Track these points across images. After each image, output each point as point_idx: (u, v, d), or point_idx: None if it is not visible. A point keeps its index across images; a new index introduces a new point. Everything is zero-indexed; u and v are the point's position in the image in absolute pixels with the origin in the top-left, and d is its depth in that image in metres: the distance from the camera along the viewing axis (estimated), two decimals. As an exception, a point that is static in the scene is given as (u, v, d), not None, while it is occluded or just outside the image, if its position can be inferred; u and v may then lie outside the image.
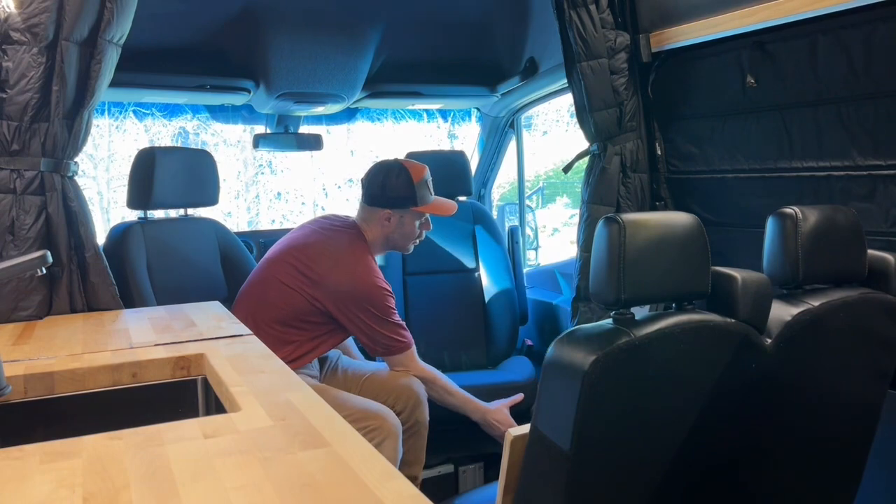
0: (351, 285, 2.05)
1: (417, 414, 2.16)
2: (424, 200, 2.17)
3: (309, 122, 3.25)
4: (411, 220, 2.19)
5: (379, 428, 1.93)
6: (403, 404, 2.15)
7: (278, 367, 1.29)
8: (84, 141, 1.80)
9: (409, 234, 2.20)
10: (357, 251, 2.14)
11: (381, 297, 2.08)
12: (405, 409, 2.15)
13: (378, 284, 2.09)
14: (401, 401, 2.15)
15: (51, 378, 1.28)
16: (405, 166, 2.17)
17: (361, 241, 2.18)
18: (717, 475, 1.18)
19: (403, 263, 2.92)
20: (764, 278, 1.15)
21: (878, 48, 1.59)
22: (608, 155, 2.27)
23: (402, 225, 2.18)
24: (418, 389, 2.18)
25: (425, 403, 2.18)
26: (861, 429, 1.33)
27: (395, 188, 2.15)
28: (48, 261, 1.20)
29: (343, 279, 2.06)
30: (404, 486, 0.79)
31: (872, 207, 1.68)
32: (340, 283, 2.05)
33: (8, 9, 1.61)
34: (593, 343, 0.98)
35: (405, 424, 2.14)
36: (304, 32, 2.63)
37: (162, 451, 0.90)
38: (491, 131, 3.51)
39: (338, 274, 2.06)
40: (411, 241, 2.24)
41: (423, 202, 2.16)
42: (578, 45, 2.19)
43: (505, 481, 1.10)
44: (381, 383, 2.18)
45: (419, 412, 2.17)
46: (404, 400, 2.15)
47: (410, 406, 2.16)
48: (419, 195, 2.15)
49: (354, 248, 2.15)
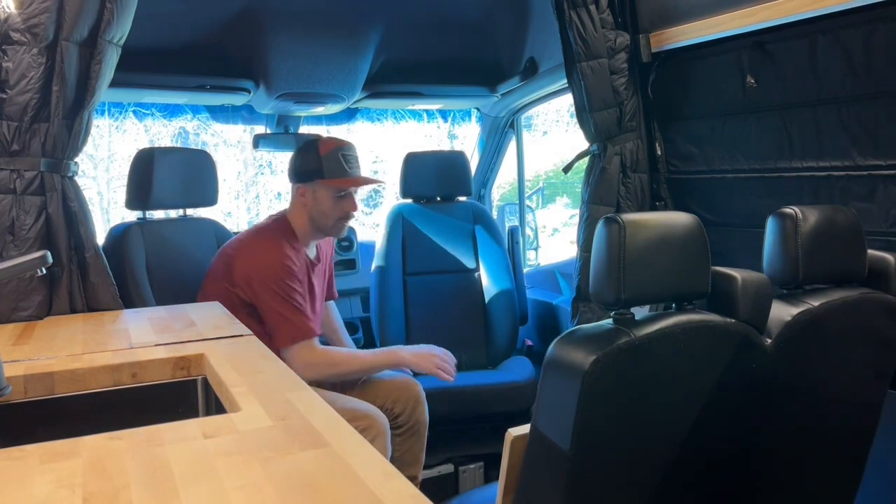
0: (255, 265, 2.02)
1: (417, 414, 2.17)
2: (333, 173, 2.09)
3: (309, 123, 3.25)
4: (325, 195, 2.11)
5: (368, 427, 1.93)
6: (403, 405, 2.15)
7: (278, 367, 1.29)
8: (84, 141, 1.80)
9: (326, 212, 2.12)
10: (269, 234, 2.11)
11: (281, 275, 2.01)
12: (405, 410, 2.15)
13: (281, 261, 2.03)
14: (400, 401, 2.15)
15: (51, 378, 1.28)
16: (316, 140, 2.14)
17: (281, 226, 2.15)
18: (717, 475, 1.18)
19: (403, 263, 2.93)
20: (764, 278, 1.15)
21: (877, 48, 1.59)
22: (608, 155, 2.27)
23: (317, 201, 2.12)
24: (418, 390, 2.19)
25: (425, 403, 2.19)
26: (861, 429, 1.33)
27: (304, 162, 2.12)
28: (48, 261, 1.20)
29: (250, 261, 2.04)
30: (404, 486, 0.79)
31: (872, 207, 1.68)
32: (247, 266, 2.03)
33: (8, 9, 1.61)
34: (593, 343, 0.98)
35: (405, 425, 2.14)
36: (305, 32, 2.63)
37: (162, 451, 0.90)
38: (491, 131, 3.51)
39: (246, 258, 2.05)
40: (332, 220, 2.14)
41: (332, 175, 2.09)
42: (578, 45, 2.19)
43: (505, 481, 1.10)
44: (381, 384, 2.18)
45: (419, 412, 2.17)
46: (404, 401, 2.16)
47: (410, 406, 2.16)
48: (326, 167, 2.08)
49: (267, 232, 2.12)
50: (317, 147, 2.11)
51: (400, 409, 2.14)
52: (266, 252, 2.06)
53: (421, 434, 2.18)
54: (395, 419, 2.15)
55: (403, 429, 2.15)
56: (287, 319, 2.00)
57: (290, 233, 2.14)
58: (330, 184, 2.09)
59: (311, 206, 2.12)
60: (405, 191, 3.06)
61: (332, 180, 2.09)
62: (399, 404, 2.14)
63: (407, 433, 2.16)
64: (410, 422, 2.15)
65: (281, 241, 2.09)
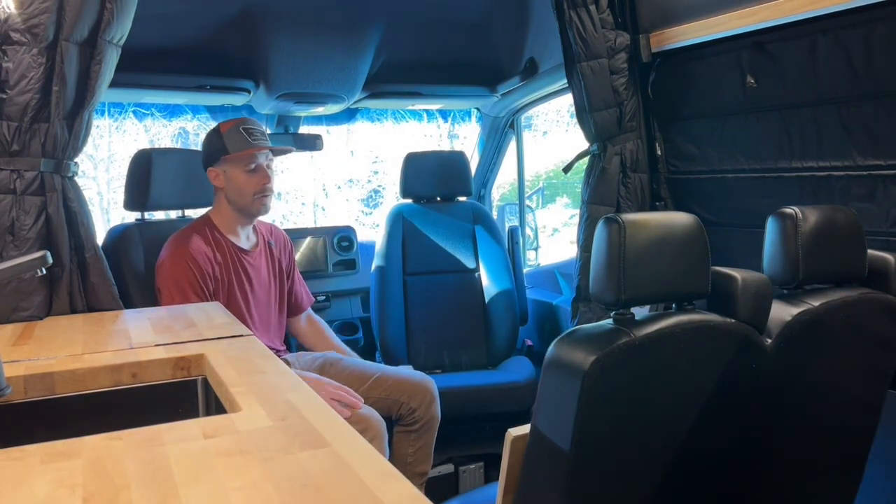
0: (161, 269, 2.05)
1: (433, 410, 2.20)
2: (236, 147, 2.09)
3: (309, 123, 3.25)
4: (236, 172, 2.11)
5: (365, 430, 1.93)
6: (419, 401, 2.18)
7: (278, 367, 1.29)
8: (84, 141, 1.80)
9: (241, 188, 2.11)
10: (178, 236, 2.11)
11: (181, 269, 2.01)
12: (421, 406, 2.18)
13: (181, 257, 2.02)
14: (416, 398, 2.17)
15: (51, 378, 1.28)
16: (218, 125, 2.15)
17: (197, 223, 2.16)
18: (717, 475, 1.18)
19: (403, 263, 2.93)
20: (764, 278, 1.15)
21: (877, 48, 1.59)
22: (608, 155, 2.27)
23: (229, 180, 2.12)
24: (432, 387, 2.21)
25: (438, 399, 2.22)
26: (861, 428, 1.33)
27: (208, 144, 2.14)
28: (48, 261, 1.20)
29: (159, 268, 2.06)
30: (404, 486, 0.79)
31: (872, 207, 1.68)
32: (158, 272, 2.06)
33: (8, 9, 1.61)
34: (593, 343, 0.98)
35: (420, 420, 2.18)
36: (304, 33, 2.63)
37: (162, 451, 0.90)
38: (491, 131, 3.51)
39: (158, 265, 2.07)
40: (250, 196, 2.12)
41: (235, 148, 2.09)
42: (578, 46, 2.19)
43: (505, 481, 1.10)
44: (395, 382, 2.19)
45: (434, 408, 2.21)
46: (420, 397, 2.18)
47: (426, 403, 2.19)
48: (229, 143, 2.09)
49: (177, 235, 2.12)
50: (217, 128, 2.13)
51: (416, 403, 2.17)
52: (166, 256, 2.06)
53: (433, 430, 2.21)
54: (412, 414, 2.17)
55: (419, 425, 2.18)
56: None
57: (208, 225, 2.14)
58: (236, 157, 2.09)
59: (227, 188, 2.13)
60: (405, 191, 3.07)
61: (236, 153, 2.09)
62: (416, 399, 2.16)
63: (422, 429, 2.18)
64: (426, 418, 2.18)
65: (188, 239, 2.08)
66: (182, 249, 2.05)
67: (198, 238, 2.09)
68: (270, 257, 2.29)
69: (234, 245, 2.17)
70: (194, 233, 2.11)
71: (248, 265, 2.19)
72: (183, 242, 2.07)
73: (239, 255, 2.17)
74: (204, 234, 2.12)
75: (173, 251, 2.06)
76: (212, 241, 2.12)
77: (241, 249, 2.18)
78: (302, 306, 2.43)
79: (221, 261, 2.11)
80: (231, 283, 2.12)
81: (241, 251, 2.18)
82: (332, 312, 3.16)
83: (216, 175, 2.14)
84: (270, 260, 2.29)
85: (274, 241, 2.33)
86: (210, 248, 2.10)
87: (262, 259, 2.25)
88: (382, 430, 1.99)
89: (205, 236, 2.11)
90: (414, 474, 2.19)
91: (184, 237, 2.09)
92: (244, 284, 2.15)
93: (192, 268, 2.03)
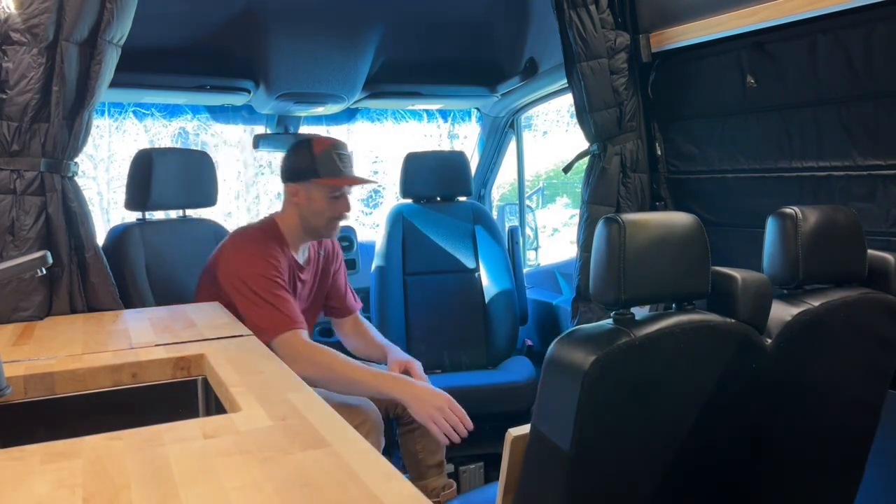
0: (237, 265, 1.99)
1: None
2: (329, 173, 2.04)
3: (309, 123, 3.25)
4: (319, 195, 2.05)
5: (362, 423, 1.91)
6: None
7: (278, 367, 1.29)
8: (84, 141, 1.80)
9: (319, 211, 2.07)
10: (252, 235, 2.08)
11: (261, 270, 1.97)
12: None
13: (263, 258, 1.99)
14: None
15: (51, 378, 1.28)
16: (310, 139, 2.10)
17: (266, 228, 2.11)
18: (717, 475, 1.18)
19: (403, 263, 2.93)
20: (764, 278, 1.15)
21: (877, 48, 1.59)
22: (608, 155, 2.28)
23: (311, 201, 2.06)
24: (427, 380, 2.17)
25: None
26: (861, 429, 1.33)
27: (298, 161, 2.07)
28: (48, 261, 1.20)
29: (232, 262, 2.00)
30: (404, 486, 0.79)
31: (872, 207, 1.68)
32: (229, 268, 2.00)
33: (8, 9, 1.61)
34: (593, 343, 0.98)
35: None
36: (305, 33, 2.63)
37: (162, 451, 0.90)
38: (491, 131, 3.51)
39: (228, 259, 2.02)
40: (325, 220, 2.09)
41: (327, 174, 2.04)
42: (578, 46, 2.19)
43: (505, 481, 1.10)
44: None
45: None
46: None
47: None
48: (321, 166, 2.04)
49: (250, 232, 2.10)
50: (310, 146, 2.06)
51: None
52: (246, 252, 2.02)
53: None
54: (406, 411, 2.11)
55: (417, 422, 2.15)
56: (268, 313, 1.93)
57: (277, 234, 2.10)
58: (326, 182, 2.05)
59: (305, 207, 2.08)
60: (405, 191, 3.07)
61: (327, 179, 2.04)
62: None
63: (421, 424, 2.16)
64: None
65: (265, 240, 2.06)
66: (262, 251, 2.02)
67: (271, 244, 2.06)
68: (318, 270, 2.27)
69: (294, 260, 2.14)
70: (266, 238, 2.07)
71: (299, 281, 2.16)
72: (260, 245, 2.04)
73: (295, 271, 2.14)
74: (274, 242, 2.07)
75: (250, 249, 2.03)
76: (280, 250, 2.07)
77: (297, 265, 2.15)
78: (348, 310, 2.39)
79: (284, 270, 2.06)
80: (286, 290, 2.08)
81: (298, 266, 2.15)
82: (332, 312, 3.16)
83: (297, 192, 2.07)
84: (317, 272, 2.27)
85: (323, 250, 2.30)
86: (279, 257, 2.06)
87: (311, 273, 2.23)
88: (378, 422, 1.95)
89: (275, 244, 2.07)
90: (429, 468, 2.17)
91: (258, 241, 2.06)
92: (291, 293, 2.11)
93: (277, 267, 2.01)
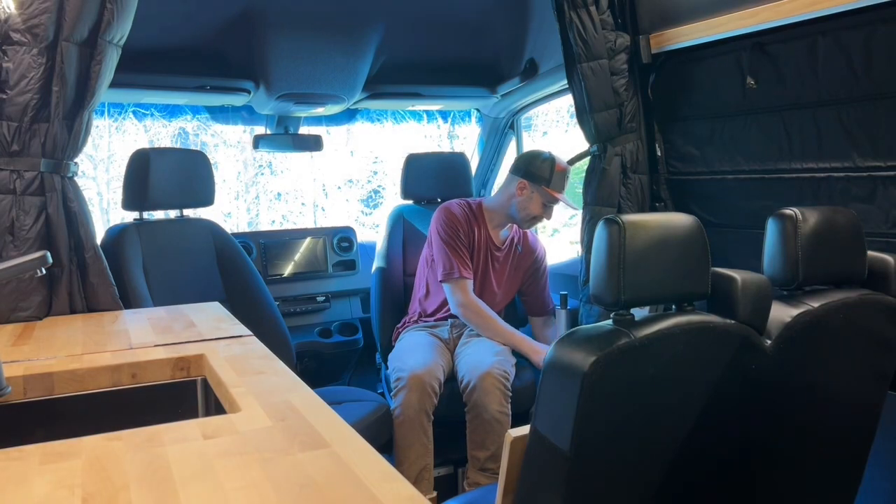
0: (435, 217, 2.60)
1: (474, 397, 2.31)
2: (556, 187, 2.49)
3: (309, 123, 3.25)
4: (537, 199, 2.51)
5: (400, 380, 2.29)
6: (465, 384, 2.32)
7: (278, 367, 1.29)
8: (84, 142, 1.80)
9: (531, 210, 2.52)
10: (456, 201, 2.64)
11: (447, 224, 2.55)
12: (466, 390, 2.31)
13: (452, 215, 2.56)
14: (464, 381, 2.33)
15: (50, 379, 1.28)
16: (553, 157, 2.52)
17: (472, 203, 2.65)
18: (716, 476, 1.18)
19: (404, 264, 2.92)
20: (764, 279, 1.15)
21: (877, 50, 1.60)
22: (608, 156, 2.28)
23: (531, 199, 2.51)
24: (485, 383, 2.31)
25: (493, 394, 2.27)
26: (861, 429, 1.33)
27: (540, 167, 2.51)
28: (48, 261, 1.20)
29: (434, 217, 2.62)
30: (403, 487, 0.79)
31: (872, 209, 1.68)
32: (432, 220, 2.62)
33: (8, 9, 1.61)
34: (593, 344, 0.98)
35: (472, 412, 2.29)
36: (305, 33, 2.63)
37: (162, 451, 0.90)
38: (491, 132, 3.51)
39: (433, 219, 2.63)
40: (530, 217, 2.54)
41: (555, 188, 2.49)
42: (579, 47, 2.19)
43: (505, 481, 1.10)
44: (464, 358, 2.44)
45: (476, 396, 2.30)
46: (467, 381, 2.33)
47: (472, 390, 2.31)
48: (553, 180, 2.48)
49: (454, 202, 2.63)
50: (553, 163, 2.50)
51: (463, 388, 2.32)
52: (443, 209, 2.61)
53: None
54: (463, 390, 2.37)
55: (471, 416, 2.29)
56: (443, 260, 2.52)
57: (478, 210, 2.62)
58: (550, 192, 2.49)
59: (521, 200, 2.53)
60: (405, 192, 3.06)
61: (553, 191, 2.49)
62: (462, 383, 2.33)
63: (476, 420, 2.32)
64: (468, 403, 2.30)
65: (462, 207, 2.60)
66: (455, 211, 2.58)
67: (467, 212, 2.60)
68: (513, 257, 2.68)
69: (489, 237, 2.62)
70: (465, 208, 2.61)
71: (493, 257, 2.63)
72: (456, 207, 2.60)
73: (490, 247, 2.62)
74: (471, 212, 2.61)
75: (448, 209, 2.60)
76: (472, 219, 2.60)
77: (493, 243, 2.62)
78: (542, 310, 2.74)
79: (476, 240, 2.58)
80: (480, 263, 2.60)
81: (493, 245, 2.62)
82: (332, 313, 3.16)
83: (524, 188, 2.53)
84: (513, 260, 2.68)
85: (522, 246, 2.70)
86: (468, 222, 2.59)
87: (506, 256, 2.66)
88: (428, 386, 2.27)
89: (471, 214, 2.61)
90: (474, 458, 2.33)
91: (457, 205, 2.62)
92: (489, 272, 2.62)
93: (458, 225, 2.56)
